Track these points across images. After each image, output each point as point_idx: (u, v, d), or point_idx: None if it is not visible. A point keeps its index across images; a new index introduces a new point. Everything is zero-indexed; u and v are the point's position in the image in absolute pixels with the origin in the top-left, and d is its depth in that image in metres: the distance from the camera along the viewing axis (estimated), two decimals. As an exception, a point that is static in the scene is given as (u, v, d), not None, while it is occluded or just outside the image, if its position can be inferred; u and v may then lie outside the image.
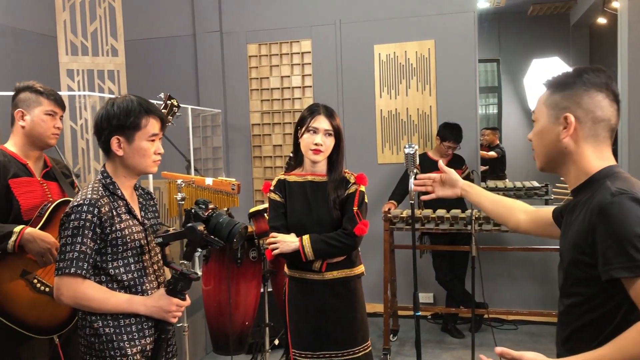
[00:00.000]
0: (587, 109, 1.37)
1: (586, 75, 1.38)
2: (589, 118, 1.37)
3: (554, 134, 1.41)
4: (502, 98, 8.86)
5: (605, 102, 1.37)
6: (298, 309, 2.48)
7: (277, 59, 5.26)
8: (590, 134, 1.38)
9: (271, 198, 2.53)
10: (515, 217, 1.82)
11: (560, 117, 1.40)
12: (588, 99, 1.37)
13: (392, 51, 4.96)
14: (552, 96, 1.42)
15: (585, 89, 1.37)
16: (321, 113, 2.45)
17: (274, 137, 5.31)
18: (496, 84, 8.90)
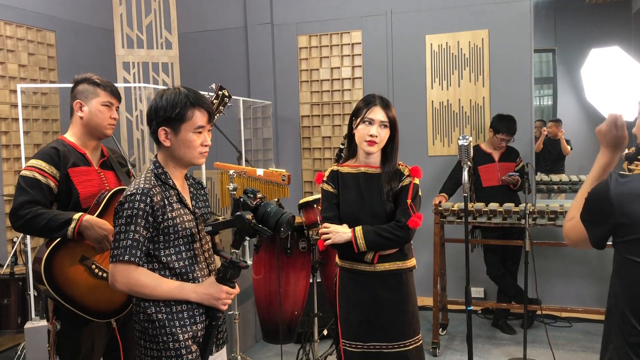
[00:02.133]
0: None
1: None
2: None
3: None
4: (557, 89, 8.58)
5: None
6: (349, 300, 2.48)
7: (327, 51, 5.25)
8: None
9: (324, 189, 2.52)
10: None
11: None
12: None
13: (445, 41, 4.86)
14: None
15: None
16: (377, 104, 2.42)
17: (323, 129, 5.31)
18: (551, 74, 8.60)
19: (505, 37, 4.71)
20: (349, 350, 2.46)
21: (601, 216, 1.51)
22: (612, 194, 1.45)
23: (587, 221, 1.56)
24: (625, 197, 1.44)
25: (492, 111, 4.71)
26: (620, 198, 1.45)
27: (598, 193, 1.51)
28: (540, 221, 3.84)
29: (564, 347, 4.11)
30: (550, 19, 8.17)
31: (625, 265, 1.49)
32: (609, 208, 1.46)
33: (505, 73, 4.73)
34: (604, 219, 1.50)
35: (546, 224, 3.85)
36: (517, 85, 4.69)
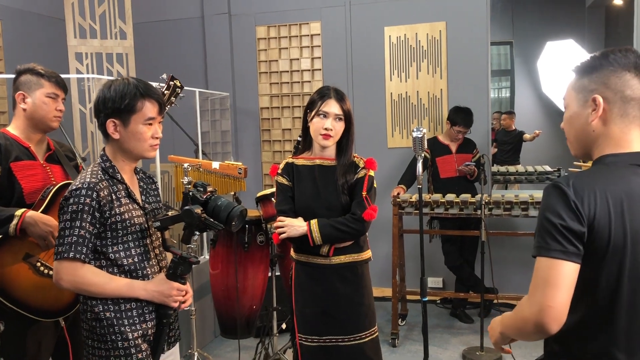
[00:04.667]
0: (616, 89, 1.34)
1: (613, 55, 1.35)
2: (618, 97, 1.34)
3: (583, 118, 1.39)
4: (515, 81, 8.73)
5: (635, 81, 1.34)
6: (305, 294, 2.46)
7: (286, 42, 5.20)
8: (620, 113, 1.35)
9: (279, 181, 2.49)
10: None
11: (589, 100, 1.37)
12: (616, 79, 1.34)
13: (403, 33, 4.87)
14: (579, 80, 1.40)
15: (612, 69, 1.34)
16: (332, 97, 2.40)
17: (283, 121, 5.27)
18: (509, 67, 8.75)
19: (463, 29, 4.74)
20: (305, 345, 2.45)
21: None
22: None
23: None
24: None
25: (450, 103, 4.75)
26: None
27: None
28: (496, 211, 3.89)
29: (519, 335, 4.19)
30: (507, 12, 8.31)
31: None
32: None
33: (463, 65, 4.76)
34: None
35: (502, 214, 3.90)
36: (474, 78, 4.74)
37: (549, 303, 1.23)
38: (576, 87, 1.41)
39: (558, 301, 1.23)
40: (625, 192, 1.28)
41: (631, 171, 1.32)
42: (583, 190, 1.27)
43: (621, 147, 1.35)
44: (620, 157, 1.34)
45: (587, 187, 1.27)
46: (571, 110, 1.43)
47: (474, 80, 4.74)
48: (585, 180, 1.30)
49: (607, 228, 1.26)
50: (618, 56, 1.35)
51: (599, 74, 1.36)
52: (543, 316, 1.24)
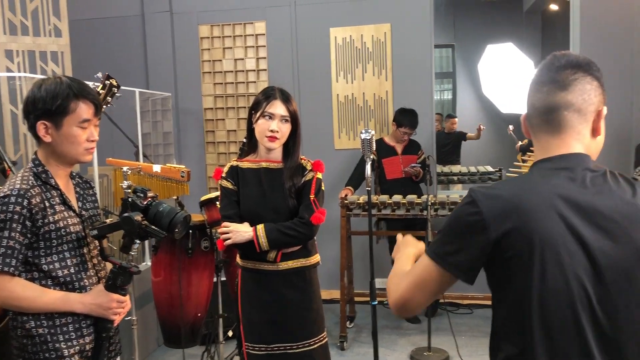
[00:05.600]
0: (532, 105, 1.29)
1: (540, 68, 1.30)
2: (534, 114, 1.29)
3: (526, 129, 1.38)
4: (456, 84, 8.91)
5: (546, 95, 1.27)
6: (252, 301, 2.39)
7: (230, 41, 5.10)
8: (537, 128, 1.29)
9: (223, 185, 2.41)
10: None
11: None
12: (533, 94, 1.29)
13: (349, 34, 4.86)
14: None
15: (535, 84, 1.30)
16: (277, 98, 2.34)
17: (228, 122, 5.16)
18: (451, 69, 8.93)
19: (407, 31, 4.77)
20: (252, 354, 2.38)
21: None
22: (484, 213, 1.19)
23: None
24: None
25: (395, 105, 4.78)
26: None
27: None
28: (441, 212, 3.93)
29: (466, 334, 4.25)
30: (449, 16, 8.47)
31: None
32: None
33: (407, 67, 4.80)
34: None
35: (447, 215, 3.94)
36: (418, 80, 4.78)
37: (409, 297, 1.28)
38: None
39: (417, 300, 1.28)
40: (542, 198, 1.18)
41: (555, 174, 1.23)
42: (495, 202, 1.19)
43: (551, 152, 1.27)
44: (549, 161, 1.26)
45: (500, 199, 1.19)
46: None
47: (418, 82, 4.78)
48: (503, 191, 1.22)
49: (518, 238, 1.17)
50: (537, 74, 1.30)
51: (529, 89, 1.34)
52: (398, 302, 1.30)
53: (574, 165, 1.22)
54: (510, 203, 1.18)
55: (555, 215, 1.16)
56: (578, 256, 1.16)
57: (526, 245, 1.16)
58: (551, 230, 1.15)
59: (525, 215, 1.16)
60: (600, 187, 1.20)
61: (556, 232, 1.15)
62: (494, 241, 1.18)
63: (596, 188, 1.19)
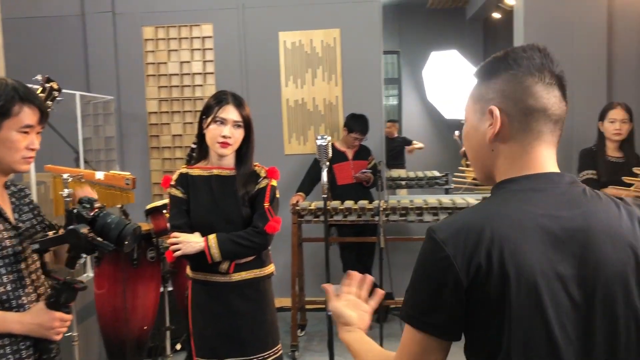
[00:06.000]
0: (516, 98, 1.06)
1: (513, 55, 1.09)
2: (519, 109, 1.06)
3: (480, 134, 1.11)
4: (402, 90, 9.02)
5: (539, 88, 1.06)
6: (203, 314, 2.29)
7: (176, 43, 4.95)
8: (521, 128, 1.07)
9: (172, 194, 2.30)
10: None
11: (486, 112, 1.09)
12: (516, 85, 1.07)
13: (298, 39, 4.81)
14: (478, 87, 1.14)
15: (512, 74, 1.08)
16: (230, 102, 2.26)
17: (173, 127, 5.01)
18: (396, 75, 9.04)
19: (357, 37, 4.77)
20: (204, 369, 2.28)
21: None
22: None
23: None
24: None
25: (345, 110, 4.76)
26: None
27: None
28: (392, 217, 3.93)
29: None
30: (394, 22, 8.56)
31: None
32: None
33: (357, 73, 4.79)
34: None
35: (398, 220, 3.95)
36: (368, 85, 4.78)
37: None
38: (474, 95, 1.14)
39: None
40: (514, 227, 1.00)
41: (527, 198, 1.04)
42: (461, 237, 0.99)
43: (524, 170, 1.07)
44: (517, 182, 1.07)
45: (466, 232, 0.99)
46: (468, 124, 1.15)
47: (368, 87, 4.78)
48: (467, 222, 1.02)
49: (494, 279, 0.97)
50: (519, 56, 1.08)
51: (496, 79, 1.09)
52: None
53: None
54: (476, 232, 0.99)
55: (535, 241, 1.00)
56: (559, 293, 0.99)
57: (498, 281, 0.97)
58: (529, 262, 0.98)
59: (497, 244, 0.98)
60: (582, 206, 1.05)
61: (534, 263, 0.98)
62: (469, 283, 0.98)
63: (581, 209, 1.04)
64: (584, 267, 1.00)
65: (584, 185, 1.08)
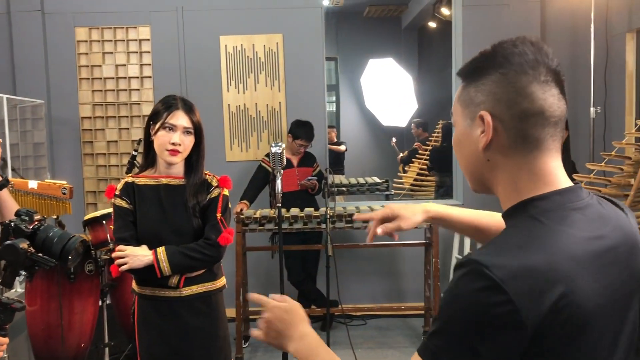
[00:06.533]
0: (509, 101, 0.94)
1: (503, 52, 0.96)
2: (514, 114, 0.94)
3: (472, 142, 0.99)
4: (340, 96, 9.07)
5: (535, 88, 0.94)
6: (151, 331, 2.16)
7: (111, 46, 4.74)
8: (519, 135, 0.94)
9: (116, 204, 2.16)
10: None
11: (476, 117, 0.97)
12: (508, 87, 0.94)
13: (239, 43, 4.72)
14: (465, 89, 1.01)
15: (502, 73, 0.95)
16: (180, 107, 2.16)
17: (108, 132, 4.79)
18: (334, 82, 9.08)
19: (299, 42, 4.73)
20: (153, 389, 2.15)
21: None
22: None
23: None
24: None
25: (289, 116, 4.71)
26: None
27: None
28: (339, 224, 3.90)
29: (361, 345, 4.25)
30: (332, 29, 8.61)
31: None
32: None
33: (300, 78, 4.75)
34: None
35: (344, 227, 3.93)
36: (311, 91, 4.75)
37: None
38: (462, 99, 1.02)
39: None
40: (571, 258, 0.87)
41: (568, 220, 0.91)
42: (522, 277, 0.82)
43: (541, 185, 0.95)
44: (552, 199, 0.93)
45: (527, 271, 0.83)
46: (458, 130, 1.04)
47: (311, 94, 4.75)
48: (523, 257, 0.85)
49: (561, 318, 0.84)
50: (509, 52, 0.95)
51: (486, 80, 0.97)
52: None
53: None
54: (546, 275, 0.83)
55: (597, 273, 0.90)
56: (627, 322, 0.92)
57: (574, 323, 0.85)
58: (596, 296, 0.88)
59: (566, 284, 0.84)
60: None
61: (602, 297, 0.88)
62: (531, 336, 0.82)
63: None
64: (632, 284, 0.94)
65: (591, 193, 1.00)
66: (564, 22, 4.75)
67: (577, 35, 4.70)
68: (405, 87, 8.56)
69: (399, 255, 4.89)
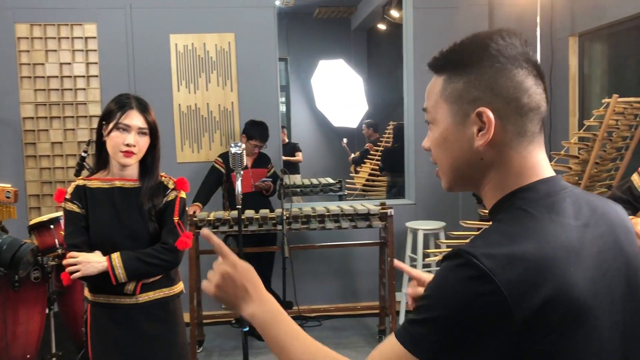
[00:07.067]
0: (509, 97, 0.90)
1: (495, 45, 0.91)
2: (513, 109, 0.90)
3: (464, 140, 0.93)
4: (290, 97, 9.05)
5: (530, 82, 0.91)
6: (106, 341, 2.07)
7: (55, 43, 4.55)
8: (517, 132, 0.91)
9: (67, 209, 2.06)
10: None
11: (472, 114, 0.91)
12: (506, 81, 0.90)
13: (190, 42, 4.62)
14: (451, 83, 0.94)
15: (498, 67, 0.90)
16: (134, 107, 2.08)
17: (53, 133, 4.60)
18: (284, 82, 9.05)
19: (252, 42, 4.68)
20: (109, 401, 2.07)
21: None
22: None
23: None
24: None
25: (242, 116, 4.65)
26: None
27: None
28: (294, 225, 3.88)
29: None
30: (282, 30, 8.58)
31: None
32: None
33: (253, 78, 4.70)
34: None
35: (300, 228, 3.90)
36: (264, 92, 4.70)
37: None
38: (447, 94, 0.95)
39: None
40: (562, 246, 0.85)
41: (555, 208, 0.89)
42: (511, 265, 0.80)
43: (528, 177, 0.92)
44: (536, 189, 0.91)
45: (516, 260, 0.81)
46: (441, 128, 0.96)
47: (264, 94, 4.71)
48: (512, 245, 0.83)
49: (556, 308, 0.81)
50: (502, 45, 0.91)
51: (479, 73, 0.91)
52: None
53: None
54: (537, 263, 0.81)
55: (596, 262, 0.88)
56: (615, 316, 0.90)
57: (569, 314, 0.82)
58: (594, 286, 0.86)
59: (559, 273, 0.82)
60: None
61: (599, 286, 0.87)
62: (521, 327, 0.80)
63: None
64: (622, 272, 0.92)
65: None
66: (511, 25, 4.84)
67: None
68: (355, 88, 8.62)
69: (354, 255, 4.90)
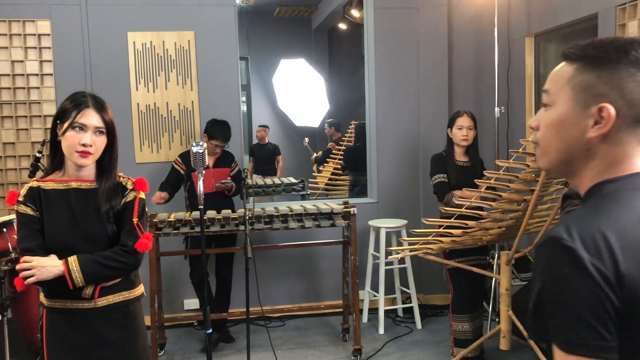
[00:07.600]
0: (632, 101, 0.96)
1: (635, 52, 0.96)
2: (632, 113, 0.97)
3: (578, 128, 1.00)
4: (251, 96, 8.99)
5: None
6: (62, 347, 2.00)
7: (6, 40, 4.39)
8: (628, 132, 0.98)
9: (20, 212, 1.98)
10: None
11: (593, 107, 0.98)
12: (635, 87, 0.96)
13: (149, 40, 4.53)
14: (583, 74, 0.99)
15: (631, 72, 0.96)
16: (90, 106, 2.02)
17: (4, 134, 4.44)
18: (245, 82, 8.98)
19: (212, 40, 4.61)
20: (66, 410, 2.00)
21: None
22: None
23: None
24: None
25: (202, 116, 4.58)
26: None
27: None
28: (257, 226, 3.84)
29: (281, 347, 4.22)
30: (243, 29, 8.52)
31: None
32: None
33: (213, 77, 4.63)
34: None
35: (263, 229, 3.87)
36: (225, 91, 4.65)
37: None
38: (577, 82, 1.00)
39: None
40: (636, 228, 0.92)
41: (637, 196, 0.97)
42: (596, 242, 0.89)
43: (621, 171, 1.00)
44: (621, 181, 0.99)
45: (598, 236, 0.89)
46: (559, 112, 1.02)
47: (225, 93, 4.65)
48: (591, 225, 0.91)
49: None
50: (639, 53, 0.97)
51: (613, 73, 0.97)
52: None
53: None
54: (606, 238, 0.90)
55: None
56: None
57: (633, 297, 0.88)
58: None
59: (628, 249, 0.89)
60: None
61: None
62: (618, 292, 0.88)
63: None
64: None
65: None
66: (469, 26, 4.96)
67: (482, 38, 4.92)
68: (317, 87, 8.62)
69: (317, 255, 4.89)
